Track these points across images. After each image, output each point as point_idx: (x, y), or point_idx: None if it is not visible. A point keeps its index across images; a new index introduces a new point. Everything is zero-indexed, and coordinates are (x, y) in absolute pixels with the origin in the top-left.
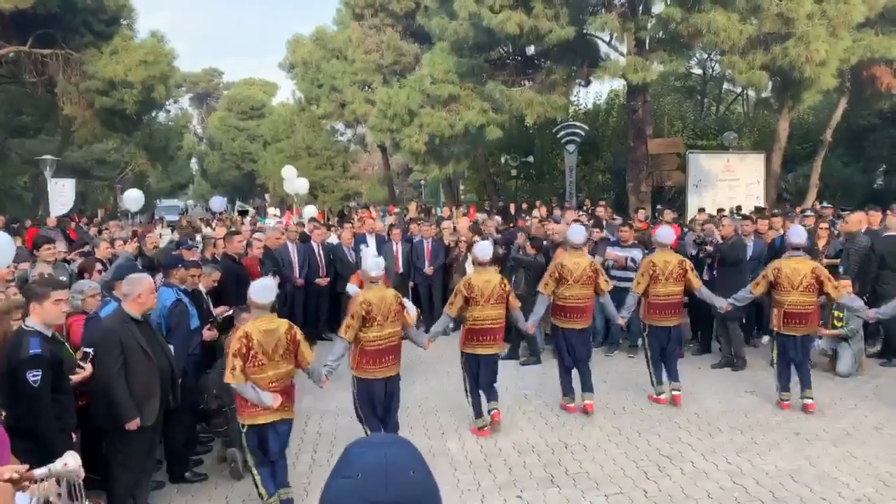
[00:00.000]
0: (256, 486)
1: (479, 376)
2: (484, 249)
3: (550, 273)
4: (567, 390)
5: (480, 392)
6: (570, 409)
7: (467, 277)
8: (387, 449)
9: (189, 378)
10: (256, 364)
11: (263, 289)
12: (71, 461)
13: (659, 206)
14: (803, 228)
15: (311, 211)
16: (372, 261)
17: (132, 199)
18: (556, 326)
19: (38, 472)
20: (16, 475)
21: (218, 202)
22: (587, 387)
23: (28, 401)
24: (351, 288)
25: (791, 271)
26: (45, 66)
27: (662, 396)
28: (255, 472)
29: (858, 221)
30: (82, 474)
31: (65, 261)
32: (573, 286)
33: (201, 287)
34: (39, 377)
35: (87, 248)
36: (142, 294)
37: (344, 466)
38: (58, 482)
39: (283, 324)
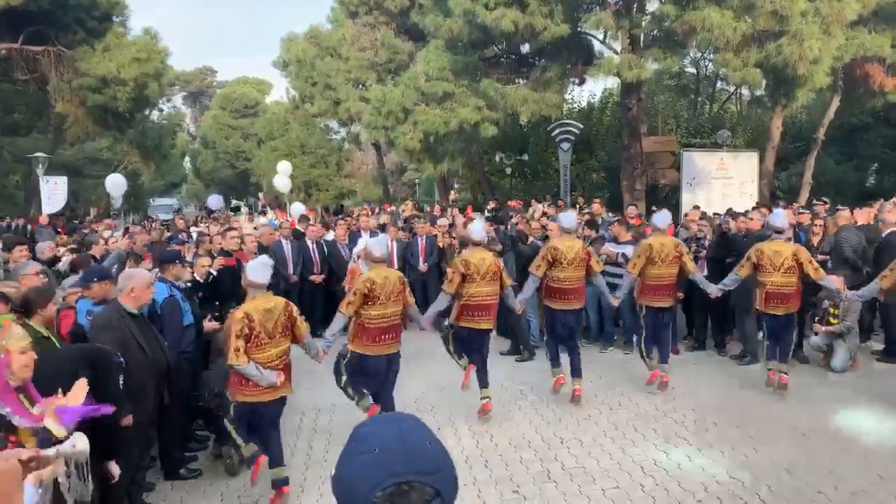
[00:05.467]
0: (233, 438)
1: (471, 353)
2: (477, 229)
3: (543, 256)
4: (555, 360)
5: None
6: (561, 380)
7: (463, 256)
8: (400, 423)
9: (182, 375)
10: (259, 343)
11: (260, 267)
12: (79, 442)
13: (654, 208)
14: (783, 212)
15: (299, 209)
16: (375, 240)
17: (114, 184)
18: (550, 308)
19: (47, 452)
20: (26, 456)
21: (215, 200)
22: (576, 371)
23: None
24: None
25: (773, 253)
26: (37, 64)
27: (657, 369)
28: (231, 428)
29: (848, 218)
30: (87, 454)
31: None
32: (567, 268)
33: (197, 277)
34: None
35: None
36: (135, 288)
37: (360, 444)
38: (66, 463)
39: (280, 301)
